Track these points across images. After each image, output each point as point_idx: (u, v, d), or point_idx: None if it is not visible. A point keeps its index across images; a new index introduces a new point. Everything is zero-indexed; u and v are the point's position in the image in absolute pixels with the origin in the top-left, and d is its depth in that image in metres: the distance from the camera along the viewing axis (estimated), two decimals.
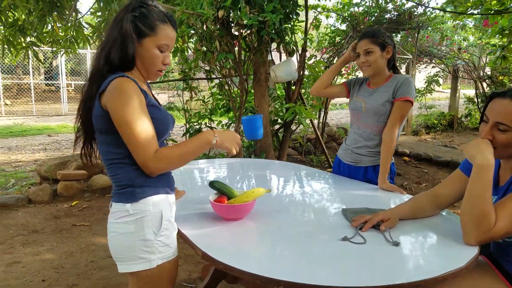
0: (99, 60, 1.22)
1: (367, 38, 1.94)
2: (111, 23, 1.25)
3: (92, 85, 1.22)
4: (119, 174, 1.23)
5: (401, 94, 1.90)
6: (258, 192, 1.46)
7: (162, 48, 1.27)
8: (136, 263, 1.21)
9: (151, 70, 1.29)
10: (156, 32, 1.24)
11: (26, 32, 4.83)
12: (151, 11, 1.24)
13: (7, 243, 3.12)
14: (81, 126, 1.30)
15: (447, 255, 1.19)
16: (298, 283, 1.02)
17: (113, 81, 1.17)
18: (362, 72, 2.02)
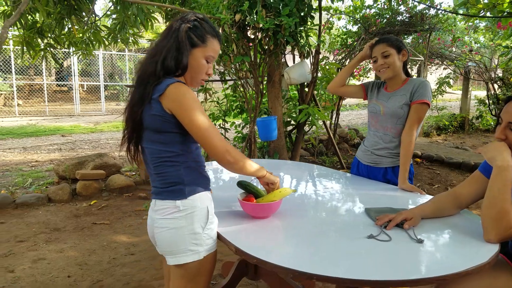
0: (155, 65, 1.30)
1: (383, 42, 2.02)
2: (165, 31, 1.36)
3: (145, 88, 1.30)
4: (168, 172, 1.32)
5: (418, 97, 1.96)
6: (285, 191, 1.53)
7: (209, 59, 1.38)
8: (187, 255, 1.31)
9: (196, 78, 1.39)
10: (206, 44, 1.35)
11: (44, 35, 4.96)
12: (203, 25, 1.35)
13: (31, 240, 3.23)
14: (130, 128, 1.37)
15: (469, 251, 1.24)
16: (330, 277, 1.09)
17: (173, 86, 1.25)
18: (380, 75, 2.07)
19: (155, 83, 1.29)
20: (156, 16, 4.99)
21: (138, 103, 1.32)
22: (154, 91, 1.28)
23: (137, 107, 1.32)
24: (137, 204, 4.07)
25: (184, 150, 1.33)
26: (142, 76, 1.34)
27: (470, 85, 9.66)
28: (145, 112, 1.31)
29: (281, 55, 4.04)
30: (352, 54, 5.65)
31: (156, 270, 2.69)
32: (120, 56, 15.63)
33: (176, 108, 1.25)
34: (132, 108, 1.34)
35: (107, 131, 9.39)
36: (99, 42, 5.15)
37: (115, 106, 14.41)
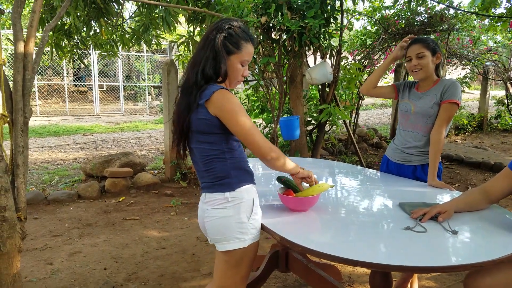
0: (196, 75, 1.43)
1: (419, 43, 2.06)
2: (201, 42, 1.48)
3: (190, 96, 1.43)
4: (216, 168, 1.45)
5: (448, 96, 2.02)
6: (323, 186, 1.62)
7: (244, 63, 1.50)
8: (233, 243, 1.42)
9: (233, 81, 1.52)
10: (241, 50, 1.46)
11: (71, 36, 5.14)
12: (237, 31, 1.46)
13: (65, 235, 3.38)
14: (178, 134, 1.50)
15: (502, 241, 1.32)
16: (373, 263, 1.18)
17: (217, 92, 1.38)
18: (413, 75, 2.13)
19: (200, 90, 1.41)
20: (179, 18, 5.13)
21: (186, 109, 1.45)
22: (200, 97, 1.40)
23: (185, 113, 1.45)
24: (164, 201, 4.21)
25: (228, 148, 1.46)
26: (186, 85, 1.47)
27: (489, 85, 9.58)
28: (192, 117, 1.43)
29: (304, 56, 4.12)
30: (371, 54, 5.69)
31: (187, 263, 2.81)
32: (137, 57, 15.89)
33: (221, 112, 1.38)
34: (180, 114, 1.47)
35: (127, 130, 9.59)
36: (123, 44, 5.31)
37: (132, 106, 14.67)
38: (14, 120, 1.99)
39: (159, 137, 8.57)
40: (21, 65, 2.02)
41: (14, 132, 1.99)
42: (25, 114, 2.04)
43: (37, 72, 13.14)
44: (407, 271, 1.17)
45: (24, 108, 2.02)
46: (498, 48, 9.25)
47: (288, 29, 3.40)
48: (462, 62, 8.50)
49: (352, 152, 5.99)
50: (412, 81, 2.26)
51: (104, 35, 5.11)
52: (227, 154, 1.45)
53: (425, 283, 2.53)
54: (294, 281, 2.56)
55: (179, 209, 3.98)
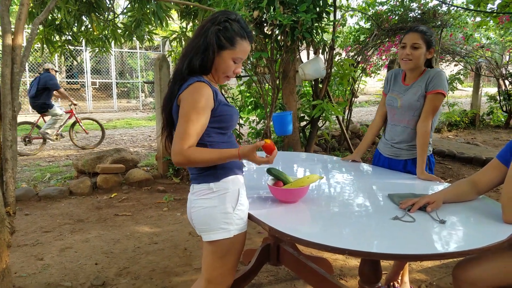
0: (182, 64, 1.41)
1: (419, 32, 2.00)
2: (197, 30, 1.44)
3: (174, 85, 1.43)
4: None
5: (433, 87, 1.99)
6: (312, 178, 1.62)
7: (236, 61, 1.45)
8: (218, 233, 1.42)
9: (222, 76, 1.48)
10: (235, 46, 1.42)
11: (62, 31, 5.08)
12: (234, 26, 1.41)
13: (56, 231, 3.35)
14: (165, 120, 1.50)
15: (489, 231, 1.33)
16: (361, 251, 1.18)
17: (192, 85, 1.36)
18: (402, 63, 2.07)
19: (181, 82, 1.40)
20: (171, 14, 5.09)
21: (168, 100, 1.44)
22: (179, 89, 1.40)
23: (166, 103, 1.45)
24: (157, 197, 4.19)
25: (210, 141, 1.43)
26: (174, 74, 1.46)
27: (481, 81, 9.65)
28: (172, 109, 1.44)
29: (297, 51, 4.12)
30: (364, 51, 5.70)
31: (179, 258, 2.80)
32: (130, 54, 15.79)
33: (181, 102, 1.37)
34: (165, 103, 1.47)
35: (120, 127, 9.54)
36: (115, 39, 5.27)
37: (126, 103, 14.57)
38: (2, 114, 1.96)
39: (152, 134, 8.52)
40: (9, 59, 2.00)
41: (2, 126, 1.96)
42: (14, 108, 2.02)
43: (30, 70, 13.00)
44: (394, 259, 1.18)
45: (12, 102, 2.00)
46: (491, 45, 9.32)
47: (281, 24, 3.39)
48: (455, 59, 8.54)
49: (345, 148, 6.00)
50: (398, 70, 2.21)
51: (96, 31, 5.06)
52: (212, 146, 1.43)
53: (416, 276, 2.55)
54: (285, 274, 2.57)
55: (172, 204, 3.97)
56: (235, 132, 4.69)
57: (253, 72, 4.04)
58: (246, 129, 5.37)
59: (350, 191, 1.82)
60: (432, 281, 2.48)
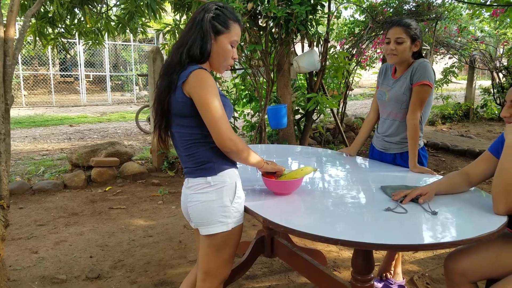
0: (181, 55, 1.39)
1: (401, 26, 1.98)
2: (189, 23, 1.44)
3: (172, 75, 1.40)
4: (198, 152, 1.43)
5: (418, 78, 1.97)
6: (306, 170, 1.62)
7: (233, 44, 1.46)
8: (216, 226, 1.42)
9: (223, 63, 1.48)
10: (230, 29, 1.43)
11: (55, 24, 5.02)
12: (224, 12, 1.43)
13: (51, 224, 3.35)
14: (159, 115, 1.46)
15: (480, 222, 1.35)
16: (354, 242, 1.19)
17: (194, 72, 1.34)
18: (387, 58, 2.08)
19: (180, 71, 1.38)
20: (164, 7, 5.04)
21: (166, 89, 1.41)
22: (179, 78, 1.37)
23: (164, 94, 1.42)
24: (151, 190, 4.19)
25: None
26: (168, 66, 1.43)
27: (475, 74, 9.68)
28: (171, 99, 1.40)
29: (292, 44, 4.11)
30: (359, 43, 5.69)
31: (174, 250, 2.81)
32: (124, 47, 15.66)
33: (193, 92, 1.35)
34: (160, 95, 1.44)
35: (114, 120, 9.49)
36: (108, 32, 5.22)
37: (120, 96, 14.49)
38: None
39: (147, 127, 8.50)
40: (1, 51, 1.97)
41: None
42: (6, 101, 2.00)
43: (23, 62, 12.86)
44: (386, 249, 1.20)
45: (5, 95, 1.98)
46: (485, 38, 9.35)
47: (275, 16, 3.38)
48: (449, 52, 8.56)
49: (340, 141, 6.02)
50: (389, 64, 2.20)
51: (89, 23, 5.01)
52: (208, 138, 1.41)
53: (409, 267, 2.58)
54: (280, 266, 2.59)
55: (166, 198, 3.97)
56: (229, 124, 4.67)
57: (247, 65, 4.02)
58: (241, 122, 5.37)
59: (343, 183, 1.83)
60: (425, 272, 2.51)
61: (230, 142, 1.36)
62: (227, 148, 1.37)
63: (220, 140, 1.36)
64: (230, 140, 1.35)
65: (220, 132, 1.34)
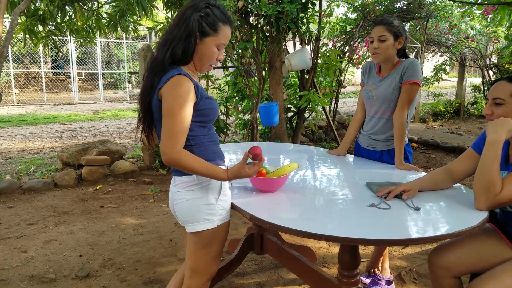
0: (164, 53, 1.36)
1: (383, 25, 2.02)
2: (176, 18, 1.39)
3: (154, 75, 1.37)
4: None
5: (408, 77, 2.00)
6: (293, 166, 1.64)
7: (220, 47, 1.42)
8: (202, 224, 1.43)
9: (206, 64, 1.45)
10: (218, 32, 1.38)
11: (46, 22, 4.98)
12: (215, 12, 1.38)
13: (40, 223, 3.33)
14: (142, 111, 1.45)
15: (461, 217, 1.37)
16: (336, 237, 1.21)
17: (172, 79, 1.31)
18: (372, 58, 2.11)
19: (162, 73, 1.35)
20: (156, 4, 5.03)
21: (147, 92, 1.39)
22: (159, 81, 1.35)
23: (145, 95, 1.40)
24: (142, 189, 4.18)
25: (191, 134, 1.39)
26: (153, 63, 1.39)
27: (466, 72, 9.77)
28: (151, 102, 1.39)
29: (283, 42, 4.12)
30: (351, 42, 5.72)
31: (164, 249, 2.81)
32: (116, 44, 15.57)
33: (164, 97, 1.32)
34: (142, 94, 1.42)
35: (106, 119, 9.44)
36: (100, 30, 5.19)
37: (112, 94, 14.41)
38: None
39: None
40: None
41: None
42: None
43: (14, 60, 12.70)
44: (369, 244, 1.22)
45: None
46: (476, 36, 9.43)
47: (266, 14, 3.38)
48: (440, 49, 8.63)
49: (332, 139, 6.05)
50: (373, 62, 2.22)
51: (80, 21, 4.98)
52: (191, 141, 1.40)
53: (396, 263, 2.61)
54: (270, 263, 2.60)
55: (158, 196, 3.97)
56: (222, 122, 4.69)
57: (239, 63, 4.03)
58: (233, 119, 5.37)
59: (330, 180, 1.85)
60: (412, 267, 2.54)
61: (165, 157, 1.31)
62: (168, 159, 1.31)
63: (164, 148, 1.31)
64: (164, 155, 1.31)
65: (168, 141, 1.30)
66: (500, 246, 1.52)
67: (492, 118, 1.48)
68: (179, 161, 1.31)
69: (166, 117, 1.31)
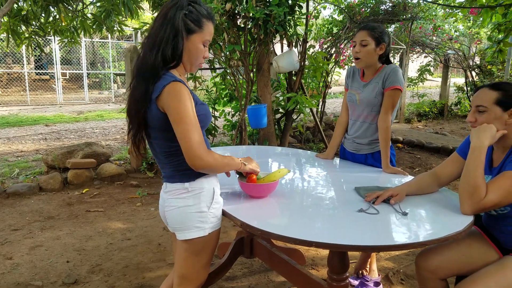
0: (154, 57, 1.32)
1: (366, 30, 2.06)
2: (159, 20, 1.36)
3: (146, 82, 1.33)
4: (177, 161, 1.40)
5: (390, 83, 2.05)
6: (283, 171, 1.65)
7: (205, 43, 1.42)
8: (193, 231, 1.42)
9: (195, 63, 1.43)
10: (202, 28, 1.38)
11: (29, 22, 4.89)
12: (197, 8, 1.37)
13: (26, 228, 3.27)
14: (136, 122, 1.39)
15: (447, 222, 1.40)
16: (327, 243, 1.22)
17: (168, 86, 1.29)
18: (355, 63, 2.15)
19: (155, 80, 1.32)
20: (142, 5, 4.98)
21: (141, 100, 1.34)
22: (154, 89, 1.32)
23: (140, 104, 1.34)
24: (130, 192, 4.14)
25: None
26: (142, 68, 1.35)
27: (450, 72, 9.94)
28: (148, 113, 1.35)
29: (271, 44, 4.13)
30: (338, 43, 5.77)
31: (153, 253, 2.80)
32: (102, 44, 15.37)
33: (167, 106, 1.30)
34: (136, 104, 1.36)
35: (92, 120, 9.32)
36: (84, 30, 5.11)
37: (97, 94, 14.22)
38: None
39: (125, 126, 8.38)
40: None
41: None
42: None
43: None
44: (358, 250, 1.24)
45: None
46: (459, 37, 9.61)
47: (254, 17, 3.39)
48: (425, 51, 8.77)
49: (319, 140, 6.09)
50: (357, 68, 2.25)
51: (64, 21, 4.90)
52: None
53: (384, 264, 2.64)
54: (259, 266, 2.61)
55: (145, 199, 3.94)
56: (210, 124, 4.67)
57: (227, 64, 4.02)
58: (222, 121, 5.36)
59: (319, 184, 1.87)
60: (399, 268, 2.58)
61: (200, 161, 1.31)
62: (198, 167, 1.32)
63: (190, 159, 1.31)
64: (199, 159, 1.30)
65: (191, 150, 1.29)
66: (485, 249, 1.56)
67: (476, 125, 1.51)
68: (210, 163, 1.34)
69: (181, 124, 1.29)
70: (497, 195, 1.38)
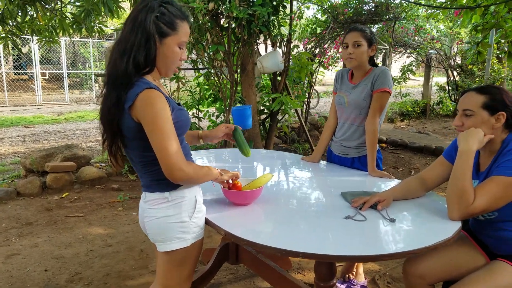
0: (125, 64, 1.24)
1: (358, 31, 2.04)
2: (129, 23, 1.28)
3: (118, 90, 1.25)
4: (156, 170, 1.33)
5: (379, 86, 2.03)
6: (268, 177, 1.61)
7: (181, 46, 1.34)
8: (174, 243, 1.36)
9: (171, 67, 1.36)
10: (177, 30, 1.29)
11: (5, 22, 4.73)
12: (170, 9, 1.28)
13: (2, 235, 3.15)
14: (109, 132, 1.32)
15: (436, 228, 1.38)
16: (314, 254, 1.19)
17: (142, 94, 1.21)
18: (346, 62, 2.12)
19: (128, 87, 1.24)
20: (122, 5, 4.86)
21: (115, 109, 1.26)
22: (126, 98, 1.24)
23: (112, 113, 1.27)
24: (111, 196, 4.04)
25: None
26: (113, 75, 1.27)
27: (432, 72, 10.08)
28: (121, 122, 1.28)
29: (255, 44, 4.08)
30: (322, 44, 5.76)
31: (135, 261, 2.72)
32: (82, 43, 15.06)
33: (141, 115, 1.23)
34: (108, 113, 1.28)
35: (72, 121, 9.10)
36: (63, 30, 4.97)
37: (78, 94, 13.93)
38: None
39: None
40: None
41: None
42: None
43: None
44: (345, 261, 1.20)
45: None
46: (441, 37, 9.76)
47: (237, 17, 3.33)
48: (407, 51, 8.86)
49: (304, 140, 6.08)
50: (345, 69, 2.24)
51: (41, 21, 4.75)
52: None
53: (370, 266, 2.63)
54: (245, 272, 2.56)
55: (127, 204, 3.84)
56: (194, 125, 4.60)
57: (210, 65, 3.96)
58: (206, 122, 5.29)
59: (305, 189, 1.83)
60: (386, 271, 2.57)
61: (180, 172, 1.25)
62: (177, 179, 1.27)
63: (169, 171, 1.24)
64: (179, 170, 1.25)
65: (169, 161, 1.23)
66: (472, 254, 1.55)
67: (463, 129, 1.50)
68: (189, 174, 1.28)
69: (155, 134, 1.22)
70: (485, 200, 1.37)
